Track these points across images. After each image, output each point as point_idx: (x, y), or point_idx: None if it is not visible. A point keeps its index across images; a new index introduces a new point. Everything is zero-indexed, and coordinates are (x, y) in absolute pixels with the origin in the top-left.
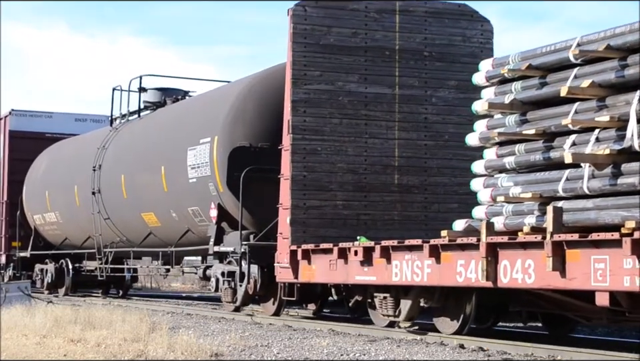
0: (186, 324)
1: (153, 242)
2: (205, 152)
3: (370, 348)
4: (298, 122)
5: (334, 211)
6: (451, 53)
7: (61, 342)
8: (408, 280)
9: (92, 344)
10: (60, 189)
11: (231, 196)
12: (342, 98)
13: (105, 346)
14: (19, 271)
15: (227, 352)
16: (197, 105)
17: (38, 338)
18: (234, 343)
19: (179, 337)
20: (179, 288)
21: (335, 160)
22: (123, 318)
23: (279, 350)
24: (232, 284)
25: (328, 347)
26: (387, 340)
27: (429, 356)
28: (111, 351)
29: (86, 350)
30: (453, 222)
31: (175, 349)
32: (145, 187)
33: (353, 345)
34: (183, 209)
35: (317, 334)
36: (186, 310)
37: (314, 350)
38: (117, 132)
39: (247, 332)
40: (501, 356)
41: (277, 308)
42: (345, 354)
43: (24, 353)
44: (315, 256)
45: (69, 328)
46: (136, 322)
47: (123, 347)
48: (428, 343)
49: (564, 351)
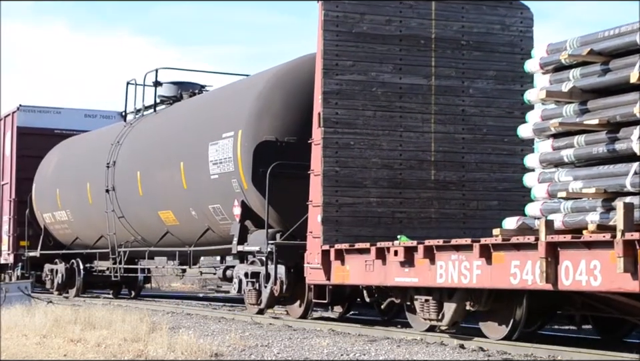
0: (186, 324)
1: (170, 241)
2: (228, 147)
3: (370, 348)
4: (330, 114)
5: (367, 209)
6: (489, 42)
7: (60, 342)
8: (454, 282)
9: (92, 344)
10: (71, 187)
11: (255, 193)
12: (375, 89)
13: (105, 346)
14: (27, 271)
15: (226, 352)
16: (219, 98)
17: (38, 338)
18: (234, 343)
19: (179, 337)
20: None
21: (369, 154)
22: (123, 318)
23: (279, 350)
24: (256, 285)
25: (328, 347)
26: (387, 340)
27: (428, 356)
28: (110, 351)
29: (86, 350)
30: (492, 220)
31: (175, 349)
32: (162, 184)
33: (352, 345)
34: (204, 207)
35: (316, 334)
36: (186, 310)
37: (314, 350)
38: (132, 127)
39: (246, 332)
40: (501, 356)
41: (304, 311)
42: (345, 354)
43: (24, 353)
44: (349, 257)
45: (68, 328)
46: (136, 322)
47: (123, 347)
48: (428, 343)
49: (564, 351)
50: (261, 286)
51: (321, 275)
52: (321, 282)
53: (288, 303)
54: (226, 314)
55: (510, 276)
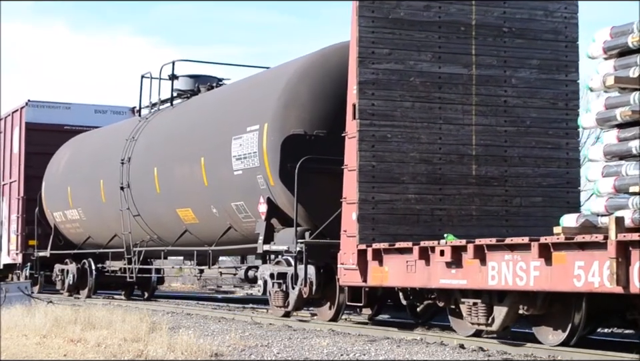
0: (186, 324)
1: (189, 240)
2: (253, 141)
3: (370, 348)
4: (365, 105)
5: (405, 206)
6: (532, 29)
7: (61, 342)
8: (509, 284)
9: (92, 344)
10: (83, 184)
11: (283, 190)
12: (413, 78)
13: (105, 346)
14: (37, 271)
15: (226, 352)
16: (242, 91)
17: (38, 338)
18: (234, 343)
19: (179, 337)
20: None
21: (407, 148)
22: (123, 318)
23: (279, 350)
24: (283, 287)
25: (328, 347)
26: (387, 340)
27: (428, 356)
28: (110, 351)
29: (86, 350)
30: (535, 217)
31: (175, 349)
32: (181, 181)
33: (353, 345)
34: (226, 204)
35: (316, 334)
36: (186, 310)
37: (314, 350)
38: (147, 122)
39: (246, 332)
40: (501, 356)
41: (335, 313)
42: (345, 354)
43: (24, 353)
44: (388, 257)
45: (68, 328)
46: (136, 322)
47: (123, 347)
48: (428, 343)
49: (564, 351)
50: (289, 287)
51: (356, 276)
52: (357, 284)
53: (317, 305)
54: (226, 314)
55: (573, 278)
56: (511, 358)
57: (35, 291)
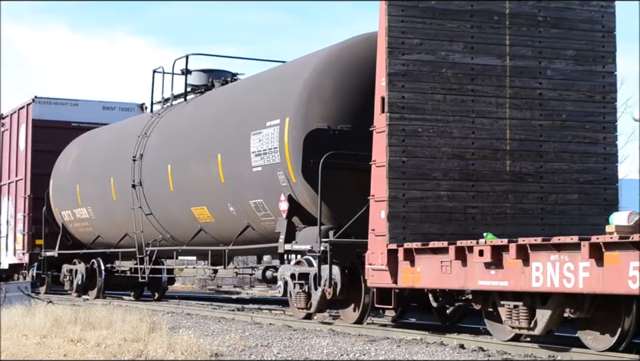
0: (186, 324)
1: (204, 239)
2: (274, 136)
3: (370, 348)
4: (395, 98)
5: (437, 203)
6: (568, 18)
7: (61, 342)
8: (554, 286)
9: (92, 344)
10: (93, 182)
11: (305, 187)
12: (445, 70)
13: (105, 346)
14: (44, 271)
15: (226, 352)
16: (261, 84)
17: (38, 338)
18: (234, 343)
19: (179, 337)
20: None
21: (438, 143)
22: (123, 318)
23: (279, 350)
24: (305, 288)
25: (328, 347)
26: (387, 340)
27: (428, 356)
28: (110, 351)
29: (86, 350)
30: (571, 215)
31: (175, 349)
32: (196, 178)
33: (353, 345)
34: (244, 202)
35: (316, 334)
36: (186, 310)
37: (314, 350)
38: (160, 118)
39: (246, 332)
40: (501, 356)
41: (360, 316)
42: (345, 354)
43: (24, 353)
44: (421, 257)
45: (68, 328)
46: (136, 322)
47: (123, 347)
48: (428, 343)
49: (564, 351)
50: (311, 288)
51: (385, 277)
52: (386, 285)
53: (341, 307)
54: (226, 314)
55: (628, 280)
56: (511, 358)
57: (41, 292)
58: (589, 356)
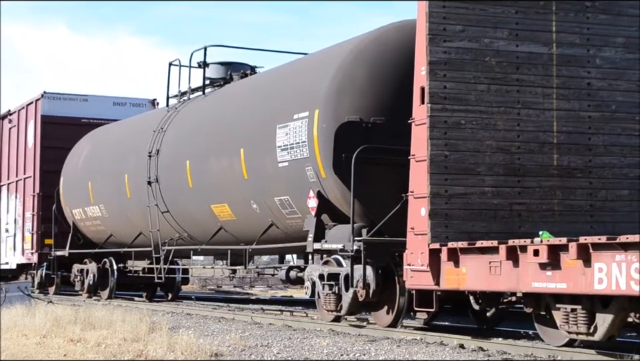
0: (186, 324)
1: (223, 238)
2: (302, 129)
3: (370, 348)
4: (437, 88)
5: (481, 200)
6: (617, 4)
7: (61, 342)
8: (621, 288)
9: (92, 344)
10: (106, 179)
11: (336, 183)
12: (489, 58)
13: (105, 346)
14: (54, 271)
15: (226, 352)
16: (286, 76)
17: (38, 338)
18: (234, 343)
19: (179, 337)
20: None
21: (482, 136)
22: (123, 318)
23: (278, 350)
24: (335, 289)
25: (328, 347)
26: (387, 340)
27: (428, 356)
28: (110, 351)
29: (86, 350)
30: (622, 212)
31: (174, 349)
32: (217, 174)
33: (353, 345)
34: (268, 199)
35: (316, 334)
36: (186, 310)
37: (314, 350)
38: (177, 112)
39: (246, 332)
40: (501, 356)
41: (394, 319)
42: (345, 354)
43: (24, 353)
44: (467, 257)
45: (68, 328)
46: (136, 322)
47: (123, 347)
48: (428, 343)
49: (564, 351)
50: (341, 289)
51: (427, 279)
52: (427, 287)
53: (373, 309)
54: (226, 314)
55: None
56: (511, 358)
57: (50, 292)
58: (589, 356)
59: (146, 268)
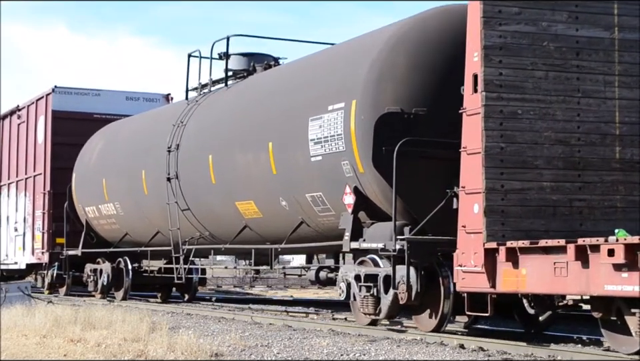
0: (186, 324)
1: (248, 237)
2: (337, 121)
3: (370, 348)
4: (492, 75)
5: (539, 196)
6: None
7: (61, 342)
8: None
9: (92, 344)
10: (122, 176)
11: (375, 178)
12: (547, 43)
13: (105, 346)
14: (65, 272)
15: (226, 352)
16: (318, 65)
17: (38, 338)
18: (234, 343)
19: (179, 337)
20: None
21: (540, 127)
22: (123, 318)
23: (279, 350)
24: (373, 291)
25: (328, 347)
26: (387, 340)
27: (428, 356)
28: (110, 351)
29: (86, 350)
30: None
31: (175, 349)
32: (242, 169)
33: (353, 345)
34: (299, 195)
35: (316, 334)
36: (186, 310)
37: (314, 350)
38: (198, 105)
39: (246, 332)
40: (501, 356)
41: (439, 323)
42: (345, 353)
43: (24, 353)
44: (527, 257)
45: (68, 328)
46: (136, 322)
47: (123, 347)
48: (428, 343)
49: (564, 351)
50: (380, 291)
51: (480, 281)
52: (481, 290)
53: (415, 313)
54: (226, 313)
55: None
56: (511, 358)
57: (61, 293)
58: (588, 356)
59: (162, 268)
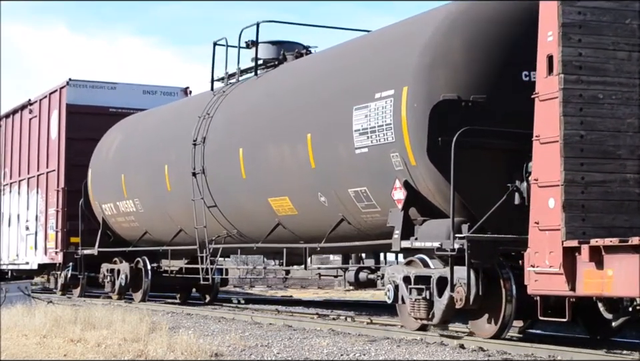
0: (186, 324)
1: (280, 236)
2: (386, 110)
3: (370, 348)
4: (571, 56)
5: (623, 189)
6: None
7: (61, 342)
8: None
9: (92, 344)
10: (142, 171)
11: (428, 171)
12: (630, 21)
13: (105, 346)
14: (81, 272)
15: (226, 352)
16: (361, 51)
17: (38, 338)
18: (234, 343)
19: (179, 337)
20: None
21: (624, 113)
22: (123, 318)
23: (279, 350)
24: (426, 294)
25: (328, 347)
26: (387, 340)
27: (428, 356)
28: (110, 351)
29: (86, 350)
30: None
31: (174, 349)
32: (276, 163)
33: (353, 345)
34: (340, 191)
35: (317, 334)
36: (186, 310)
37: (314, 350)
38: (225, 96)
39: (246, 332)
40: (501, 356)
41: (500, 328)
42: (345, 354)
43: (24, 353)
44: (614, 257)
45: (68, 328)
46: (136, 322)
47: (123, 347)
48: (428, 343)
49: (564, 351)
50: (433, 294)
51: (557, 283)
52: (559, 293)
53: (472, 318)
54: (226, 313)
55: None
56: (511, 358)
57: (74, 294)
58: (588, 356)
59: (183, 268)
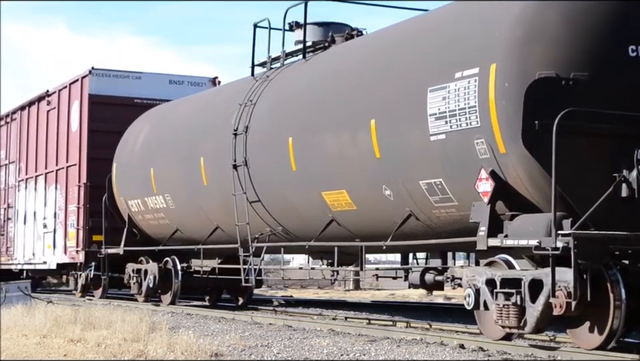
0: (186, 324)
1: (333, 234)
2: (469, 91)
3: (370, 348)
4: None
5: None
6: None
7: (61, 342)
8: None
9: (92, 344)
10: (174, 164)
11: (520, 159)
12: None
13: (105, 346)
14: (104, 272)
15: (226, 352)
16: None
17: (38, 338)
18: (234, 343)
19: (179, 337)
20: None
21: None
22: (123, 318)
23: (279, 350)
24: (516, 299)
25: (328, 347)
26: (387, 340)
27: (428, 356)
28: (110, 351)
29: (86, 350)
30: None
31: (174, 349)
32: (333, 153)
33: (353, 345)
34: (410, 183)
35: (317, 334)
36: (186, 310)
37: (314, 350)
38: (270, 81)
39: (246, 332)
40: (501, 356)
41: (607, 338)
42: (345, 354)
43: (24, 353)
44: None
45: (68, 328)
46: (136, 322)
47: (123, 347)
48: (428, 343)
49: (564, 351)
50: (525, 300)
51: None
52: None
53: (571, 326)
54: (226, 313)
55: None
56: (511, 358)
57: (96, 296)
58: (588, 356)
59: (216, 269)
